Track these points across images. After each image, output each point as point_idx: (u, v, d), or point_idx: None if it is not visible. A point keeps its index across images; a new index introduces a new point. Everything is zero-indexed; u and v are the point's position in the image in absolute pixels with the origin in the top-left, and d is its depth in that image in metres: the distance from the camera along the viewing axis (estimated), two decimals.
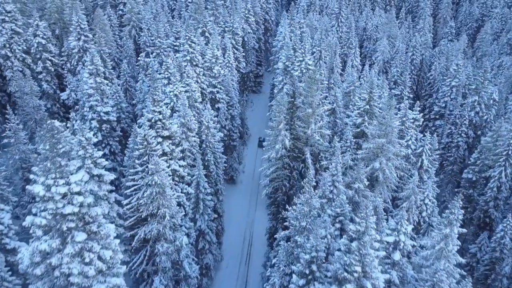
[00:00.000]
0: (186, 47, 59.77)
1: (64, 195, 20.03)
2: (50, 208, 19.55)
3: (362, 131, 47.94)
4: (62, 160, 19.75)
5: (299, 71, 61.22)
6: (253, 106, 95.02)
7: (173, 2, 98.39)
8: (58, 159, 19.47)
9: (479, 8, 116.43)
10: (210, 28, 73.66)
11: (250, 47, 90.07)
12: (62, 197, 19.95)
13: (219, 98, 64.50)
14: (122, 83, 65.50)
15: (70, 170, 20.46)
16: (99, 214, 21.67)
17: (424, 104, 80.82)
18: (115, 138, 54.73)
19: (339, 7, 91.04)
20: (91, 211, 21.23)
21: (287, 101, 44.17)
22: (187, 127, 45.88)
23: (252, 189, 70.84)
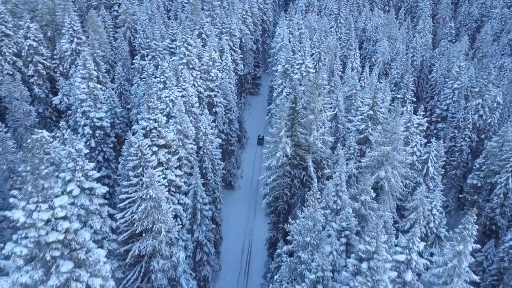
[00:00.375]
0: (182, 50, 57.66)
1: (48, 221, 17.96)
2: (31, 236, 17.49)
3: (365, 137, 46.01)
4: (45, 182, 17.65)
5: (298, 74, 59.22)
6: (251, 109, 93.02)
7: (169, 2, 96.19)
8: (41, 182, 17.39)
9: (478, 8, 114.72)
10: (207, 30, 71.55)
11: (247, 48, 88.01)
12: (45, 223, 17.87)
13: (217, 102, 62.44)
14: (117, 87, 63.35)
15: (55, 193, 18.37)
16: (87, 240, 19.59)
17: (426, 106, 78.96)
18: (109, 144, 52.64)
19: (338, 8, 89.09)
20: (78, 237, 19.16)
21: (288, 106, 42.14)
22: (184, 134, 43.80)
23: (250, 194, 68.83)
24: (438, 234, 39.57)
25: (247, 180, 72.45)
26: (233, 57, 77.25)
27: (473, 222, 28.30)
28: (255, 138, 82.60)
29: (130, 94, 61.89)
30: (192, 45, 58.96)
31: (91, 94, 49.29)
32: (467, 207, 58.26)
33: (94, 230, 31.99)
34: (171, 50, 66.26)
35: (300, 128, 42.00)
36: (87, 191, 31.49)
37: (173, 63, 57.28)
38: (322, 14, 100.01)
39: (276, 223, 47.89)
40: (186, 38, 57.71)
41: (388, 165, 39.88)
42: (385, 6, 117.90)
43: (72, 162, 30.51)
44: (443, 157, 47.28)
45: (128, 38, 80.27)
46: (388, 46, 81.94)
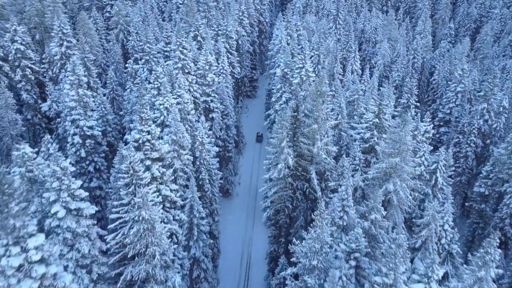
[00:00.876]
0: (177, 54, 54.83)
1: (20, 266, 15.19)
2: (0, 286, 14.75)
3: (371, 146, 43.43)
4: (17, 221, 14.86)
5: (298, 79, 56.54)
6: (248, 112, 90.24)
7: (163, 3, 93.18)
8: (11, 221, 14.60)
9: (477, 8, 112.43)
10: (202, 32, 68.70)
11: (244, 50, 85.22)
12: (17, 269, 15.10)
13: (213, 107, 59.67)
14: (109, 92, 60.38)
15: (29, 232, 15.58)
16: (68, 285, 16.80)
17: (427, 110, 76.57)
18: (100, 154, 49.76)
19: (336, 9, 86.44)
20: (58, 282, 16.41)
21: (290, 115, 39.44)
22: (179, 144, 41.03)
23: (249, 202, 66.13)
24: (450, 251, 37.02)
25: (245, 186, 69.78)
26: (229, 60, 74.44)
27: (495, 246, 25.80)
28: (252, 143, 79.96)
29: (123, 99, 58.97)
30: (187, 49, 56.15)
31: (81, 101, 46.37)
32: (473, 216, 55.93)
33: (82, 254, 29.21)
34: (165, 54, 63.38)
35: (303, 138, 39.33)
36: (74, 212, 28.68)
37: (167, 67, 54.47)
38: (320, 15, 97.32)
39: (277, 237, 45.26)
40: (181, 41, 54.89)
41: (396, 177, 37.30)
42: (383, 7, 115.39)
43: (57, 181, 27.69)
44: (452, 167, 44.70)
45: (121, 40, 77.27)
46: (388, 48, 79.40)
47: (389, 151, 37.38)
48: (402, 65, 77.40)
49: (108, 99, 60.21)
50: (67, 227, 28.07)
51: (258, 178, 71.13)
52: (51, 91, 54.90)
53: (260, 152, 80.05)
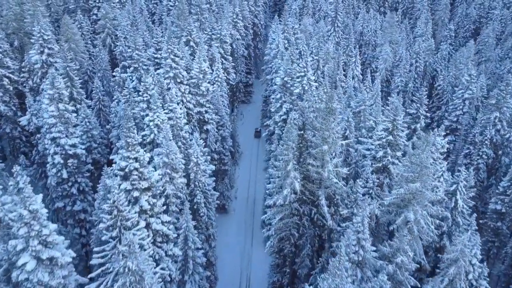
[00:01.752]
0: (168, 62, 49.87)
1: None
2: None
3: (384, 166, 38.86)
4: None
5: (300, 88, 51.86)
6: (243, 119, 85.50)
7: (154, 5, 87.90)
8: None
9: (476, 9, 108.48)
10: (195, 37, 63.71)
11: (239, 55, 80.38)
12: None
13: (208, 118, 54.83)
14: (95, 103, 55.31)
15: None
16: None
17: (432, 117, 72.38)
18: (84, 173, 44.73)
19: (335, 11, 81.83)
20: None
21: (296, 134, 34.73)
22: (171, 167, 36.17)
23: (246, 217, 61.44)
24: None
25: (242, 199, 65.11)
26: (224, 66, 69.57)
27: None
28: (249, 152, 75.29)
29: (109, 111, 53.96)
30: (180, 56, 51.19)
31: (62, 117, 41.30)
32: (487, 234, 51.68)
33: None
34: (155, 61, 58.33)
35: (311, 160, 34.64)
36: (47, 262, 23.75)
37: (158, 77, 49.55)
38: (317, 17, 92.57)
39: (281, 266, 40.60)
40: (173, 48, 49.94)
41: (416, 205, 32.80)
42: (380, 7, 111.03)
43: (25, 227, 22.76)
44: (473, 188, 40.32)
45: (108, 45, 72.03)
46: (390, 51, 75.00)
47: (408, 175, 32.89)
48: (405, 69, 73.13)
49: (94, 110, 55.21)
50: (38, 281, 23.15)
51: (256, 188, 66.60)
52: (31, 103, 49.67)
53: (258, 151, 76.10)
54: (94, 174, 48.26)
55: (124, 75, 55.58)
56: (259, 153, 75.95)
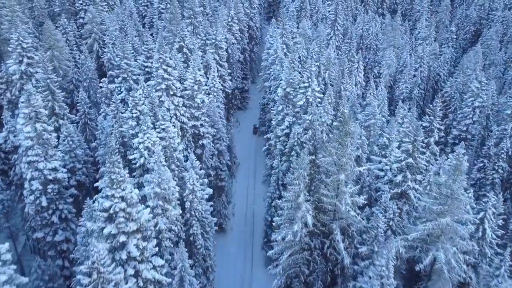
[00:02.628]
0: (160, 73, 44.80)
1: None
2: None
3: (403, 192, 34.25)
4: None
5: (304, 100, 47.10)
6: (240, 126, 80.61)
7: (144, 8, 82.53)
8: None
9: (477, 10, 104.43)
10: (189, 43, 58.66)
11: (234, 60, 75.45)
12: None
13: (204, 132, 49.90)
14: (80, 116, 50.07)
15: None
16: None
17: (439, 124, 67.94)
18: (67, 199, 39.62)
19: (335, 13, 77.14)
20: None
21: (307, 161, 29.98)
22: (164, 197, 31.28)
23: (246, 237, 56.66)
24: None
25: (241, 215, 60.35)
26: (219, 73, 64.61)
27: None
28: (246, 162, 70.44)
29: (96, 125, 48.83)
30: (172, 66, 46.15)
31: (40, 138, 36.16)
32: None
33: None
34: (146, 70, 53.26)
35: (325, 190, 29.93)
36: None
37: (148, 89, 44.55)
38: (315, 20, 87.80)
39: None
40: (164, 58, 44.87)
41: (447, 243, 28.28)
42: (378, 9, 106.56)
43: None
44: (501, 215, 35.87)
45: (96, 51, 66.73)
46: (394, 56, 70.48)
47: (437, 208, 28.32)
48: (410, 75, 68.71)
49: (80, 125, 50.02)
50: None
51: (255, 202, 61.92)
52: (7, 120, 44.40)
53: (256, 159, 71.36)
54: (79, 197, 43.26)
55: (112, 85, 50.43)
56: (257, 160, 71.28)
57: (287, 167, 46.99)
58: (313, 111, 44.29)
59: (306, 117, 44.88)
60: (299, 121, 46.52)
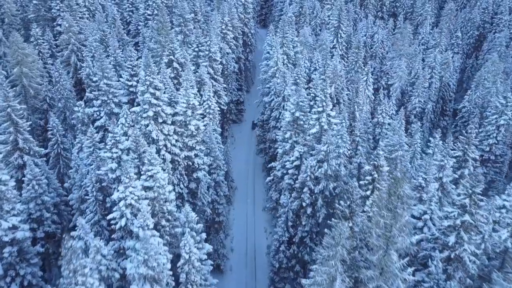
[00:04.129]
0: (147, 98, 36.36)
1: None
2: None
3: (457, 256, 26.47)
4: None
5: (317, 127, 39.07)
6: (235, 142, 72.38)
7: (129, 14, 73.57)
8: None
9: (480, 14, 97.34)
10: (179, 57, 50.28)
11: (230, 71, 67.10)
12: None
13: (198, 164, 41.68)
14: (52, 146, 41.48)
15: None
16: None
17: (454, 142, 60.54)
18: (31, 260, 31.08)
19: (338, 19, 69.14)
20: None
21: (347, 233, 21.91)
22: (152, 278, 23.04)
23: (247, 278, 48.66)
24: None
25: (240, 251, 52.26)
26: (214, 88, 56.36)
27: None
28: (243, 185, 62.42)
29: (71, 157, 40.34)
30: (161, 88, 37.72)
31: None
32: None
33: None
34: (130, 90, 44.84)
35: (367, 272, 21.92)
36: None
37: (133, 116, 36.21)
38: (313, 25, 79.62)
39: None
40: (152, 80, 36.42)
41: None
42: (378, 12, 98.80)
43: None
44: None
45: (74, 64, 57.81)
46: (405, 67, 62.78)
47: None
48: (424, 88, 61.17)
49: (52, 156, 41.48)
50: None
51: (256, 233, 54.05)
52: None
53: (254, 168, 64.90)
54: (48, 250, 34.83)
55: (90, 110, 41.84)
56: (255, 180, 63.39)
57: (298, 206, 39.10)
58: (329, 140, 36.36)
59: (321, 147, 36.91)
60: (312, 152, 38.48)
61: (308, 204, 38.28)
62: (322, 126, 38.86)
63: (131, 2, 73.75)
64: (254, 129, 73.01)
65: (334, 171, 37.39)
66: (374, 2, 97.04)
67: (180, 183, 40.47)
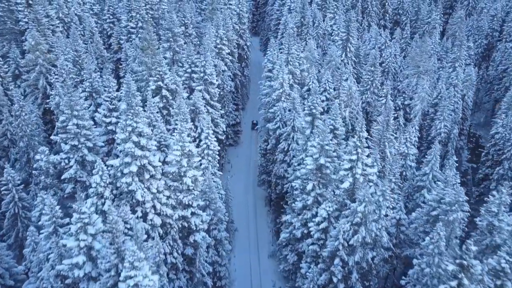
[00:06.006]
0: (129, 149, 26.77)
1: None
2: None
3: None
4: None
5: (350, 180, 29.90)
6: (232, 169, 63.13)
7: (109, 26, 63.49)
8: None
9: (489, 22, 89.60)
10: (170, 82, 40.71)
11: (226, 91, 57.70)
12: None
13: (196, 224, 32.15)
14: (8, 205, 31.58)
15: None
16: None
17: (486, 174, 52.21)
18: None
19: (346, 31, 60.25)
20: None
21: None
22: None
23: None
24: None
25: None
26: (211, 116, 46.86)
27: None
28: (244, 225, 53.11)
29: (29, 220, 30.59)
30: (147, 134, 28.13)
31: None
32: None
33: None
34: (108, 127, 35.16)
35: None
36: None
37: (110, 172, 26.67)
38: (315, 35, 70.31)
39: None
40: (135, 125, 26.85)
41: None
42: (380, 20, 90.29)
43: None
44: None
45: (43, 89, 47.75)
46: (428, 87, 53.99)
47: None
48: (449, 110, 52.59)
49: (7, 218, 31.63)
50: None
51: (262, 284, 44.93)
52: None
53: (255, 202, 56.34)
54: None
55: (56, 157, 31.98)
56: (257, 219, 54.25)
57: (326, 280, 29.95)
58: (367, 198, 27.31)
59: (356, 207, 27.83)
60: (345, 211, 29.34)
61: (340, 279, 29.21)
62: (356, 178, 29.74)
63: (112, 13, 63.73)
64: (254, 129, 71.67)
65: (373, 237, 28.37)
66: (376, 9, 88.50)
67: (173, 251, 30.98)
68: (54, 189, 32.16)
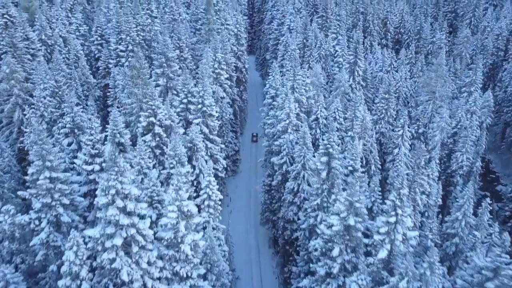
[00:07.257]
0: (111, 216, 20.50)
1: None
2: None
3: None
4: None
5: (388, 248, 23.81)
6: (231, 203, 56.88)
7: (97, 48, 57.40)
8: None
9: (494, 41, 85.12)
10: (163, 117, 34.57)
11: (225, 120, 51.71)
12: None
13: None
14: None
15: None
16: None
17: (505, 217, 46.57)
18: None
19: (354, 54, 54.86)
20: None
21: None
22: None
23: None
24: None
25: None
26: (210, 152, 40.76)
27: None
28: (248, 276, 46.49)
29: None
30: (135, 196, 21.92)
31: None
32: None
33: None
34: (90, 177, 28.82)
35: None
36: None
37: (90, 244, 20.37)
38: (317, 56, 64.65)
39: None
40: (121, 186, 20.65)
41: None
42: (382, 39, 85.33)
43: None
44: None
45: (18, 123, 41.29)
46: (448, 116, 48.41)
47: None
48: (471, 141, 47.08)
49: None
50: None
51: None
52: None
53: (258, 244, 50.25)
54: None
55: (24, 218, 25.50)
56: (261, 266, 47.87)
57: None
58: (411, 272, 21.27)
59: (398, 283, 21.73)
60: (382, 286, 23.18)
61: None
62: (393, 242, 23.70)
63: (100, 34, 57.72)
64: (256, 142, 69.41)
65: None
66: (378, 28, 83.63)
67: None
68: (21, 256, 25.68)
